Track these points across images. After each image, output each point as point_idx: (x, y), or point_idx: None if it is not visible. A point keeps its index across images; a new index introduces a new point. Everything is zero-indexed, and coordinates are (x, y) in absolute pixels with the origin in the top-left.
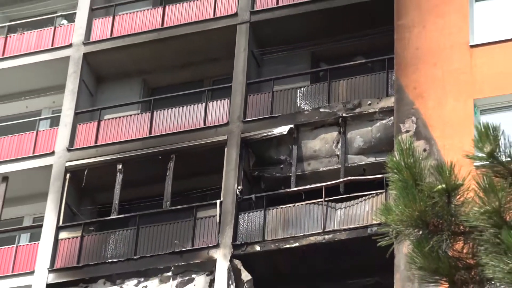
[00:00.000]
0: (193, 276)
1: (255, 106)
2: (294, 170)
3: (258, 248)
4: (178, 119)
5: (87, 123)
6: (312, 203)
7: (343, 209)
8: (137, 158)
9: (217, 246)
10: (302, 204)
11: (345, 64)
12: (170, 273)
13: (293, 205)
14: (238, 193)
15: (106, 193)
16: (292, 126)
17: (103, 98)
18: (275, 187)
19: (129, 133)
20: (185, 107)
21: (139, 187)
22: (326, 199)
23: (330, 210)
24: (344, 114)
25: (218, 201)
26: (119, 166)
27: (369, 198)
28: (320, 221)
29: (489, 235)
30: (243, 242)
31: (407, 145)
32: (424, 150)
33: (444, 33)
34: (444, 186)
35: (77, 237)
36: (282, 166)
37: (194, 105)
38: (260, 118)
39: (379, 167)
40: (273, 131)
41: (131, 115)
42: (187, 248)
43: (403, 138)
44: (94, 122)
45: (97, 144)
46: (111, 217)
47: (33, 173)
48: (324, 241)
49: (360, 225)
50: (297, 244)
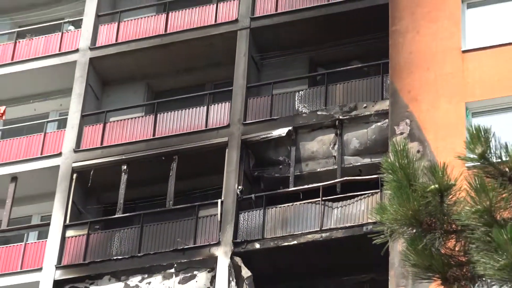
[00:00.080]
0: (195, 272)
1: (255, 109)
2: (293, 170)
3: (257, 245)
4: (180, 121)
5: (93, 125)
6: (310, 202)
7: (340, 208)
8: (141, 159)
9: (218, 244)
10: (300, 204)
11: (342, 69)
12: (173, 270)
13: (291, 204)
14: (238, 192)
15: (111, 192)
16: (290, 128)
17: (109, 101)
18: (274, 187)
19: (134, 135)
20: (187, 110)
21: (143, 187)
22: (323, 198)
23: (327, 209)
24: (340, 117)
25: (219, 201)
26: (124, 167)
27: (364, 198)
28: (317, 220)
29: (480, 234)
30: (243, 240)
31: (401, 146)
32: (418, 152)
33: (437, 39)
34: (437, 186)
35: (83, 235)
36: (281, 166)
37: (196, 108)
38: (260, 121)
39: (375, 167)
40: (272, 133)
41: (135, 118)
42: (189, 246)
43: (398, 140)
44: (100, 124)
45: (102, 146)
46: (116, 216)
47: (41, 174)
48: (321, 239)
49: (356, 224)
50: (295, 242)
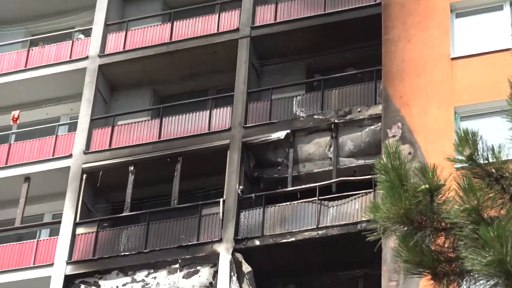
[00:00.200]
0: (198, 268)
1: (255, 113)
2: (291, 171)
3: (257, 242)
4: (185, 125)
5: (102, 128)
6: (307, 201)
7: (335, 207)
8: (147, 160)
9: (220, 240)
10: (297, 203)
11: (337, 75)
12: (177, 265)
13: (289, 203)
14: (239, 192)
15: (119, 192)
16: (288, 131)
17: (117, 105)
18: (273, 187)
19: (140, 138)
20: (191, 114)
21: (149, 187)
22: (319, 198)
23: (323, 208)
24: (336, 121)
25: (221, 200)
26: (131, 168)
27: (359, 197)
28: (314, 218)
29: (468, 231)
30: (244, 237)
31: (393, 149)
32: (409, 154)
33: (427, 47)
34: (427, 186)
35: (92, 232)
36: (279, 167)
37: (199, 112)
38: (260, 124)
39: (368, 168)
40: (271, 136)
41: (142, 121)
42: (193, 243)
43: (390, 142)
44: (108, 127)
45: (111, 148)
46: (123, 214)
47: (53, 174)
48: (317, 236)
49: (351, 222)
50: (293, 239)
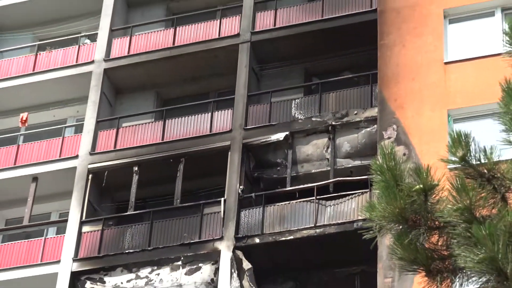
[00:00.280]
0: (200, 265)
1: (255, 115)
2: (289, 171)
3: (257, 240)
4: (187, 127)
5: (107, 130)
6: (305, 201)
7: (332, 206)
8: (151, 161)
9: (221, 238)
10: (296, 202)
11: (334, 79)
12: (180, 262)
13: (288, 202)
14: (240, 192)
15: (124, 192)
16: (287, 133)
17: (121, 108)
18: (273, 187)
19: (144, 139)
20: (193, 116)
21: (152, 187)
22: (317, 197)
23: (321, 207)
24: (333, 123)
25: (222, 199)
26: (135, 168)
27: (355, 197)
28: (312, 217)
29: (461, 230)
30: (244, 235)
31: (389, 150)
32: (404, 155)
33: (421, 52)
34: (421, 186)
35: (98, 231)
36: (278, 168)
37: (201, 114)
38: (260, 126)
39: (364, 169)
40: (271, 138)
41: (146, 123)
42: (195, 241)
43: (386, 144)
44: (113, 129)
45: (116, 149)
46: (128, 213)
47: (60, 174)
48: (315, 234)
49: (347, 221)
50: (291, 237)
